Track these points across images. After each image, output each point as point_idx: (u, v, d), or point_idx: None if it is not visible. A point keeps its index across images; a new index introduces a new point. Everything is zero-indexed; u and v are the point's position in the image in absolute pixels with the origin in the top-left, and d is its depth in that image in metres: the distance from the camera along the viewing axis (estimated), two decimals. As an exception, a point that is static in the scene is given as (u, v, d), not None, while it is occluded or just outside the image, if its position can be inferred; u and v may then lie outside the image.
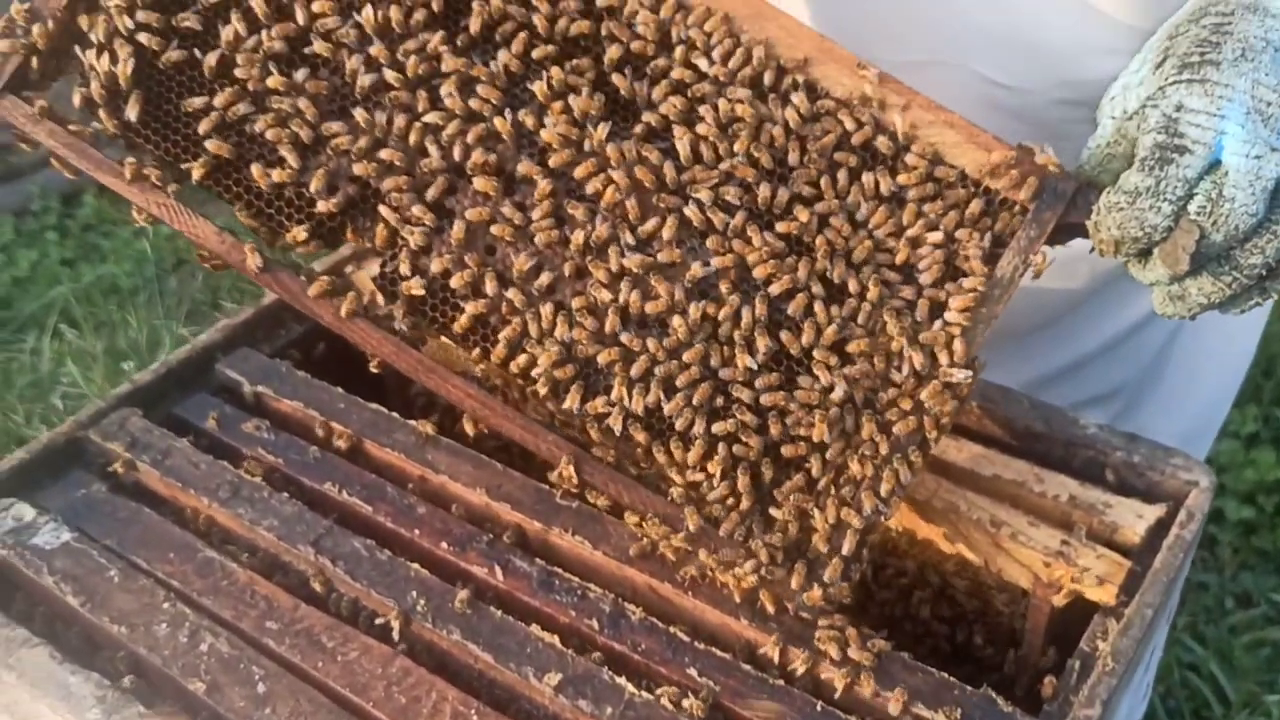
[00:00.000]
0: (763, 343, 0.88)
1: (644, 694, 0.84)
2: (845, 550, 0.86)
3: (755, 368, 0.88)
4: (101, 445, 1.05)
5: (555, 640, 0.88)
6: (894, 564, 1.03)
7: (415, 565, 0.94)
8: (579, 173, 0.88)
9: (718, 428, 0.88)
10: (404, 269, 0.88)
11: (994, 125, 0.92)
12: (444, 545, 0.96)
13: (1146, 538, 0.95)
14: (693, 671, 0.86)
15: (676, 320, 0.88)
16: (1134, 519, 0.96)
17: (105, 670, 0.88)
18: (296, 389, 1.11)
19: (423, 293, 0.87)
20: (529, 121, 0.90)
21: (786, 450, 0.88)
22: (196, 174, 0.88)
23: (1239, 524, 2.23)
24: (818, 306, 0.89)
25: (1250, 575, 2.18)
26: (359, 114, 0.88)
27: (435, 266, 0.88)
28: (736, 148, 0.89)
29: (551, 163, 0.89)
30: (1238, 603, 2.12)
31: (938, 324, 0.89)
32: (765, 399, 0.87)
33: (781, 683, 0.85)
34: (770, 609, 0.89)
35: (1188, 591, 2.18)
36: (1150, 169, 0.79)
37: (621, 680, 0.85)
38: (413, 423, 1.06)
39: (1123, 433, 1.03)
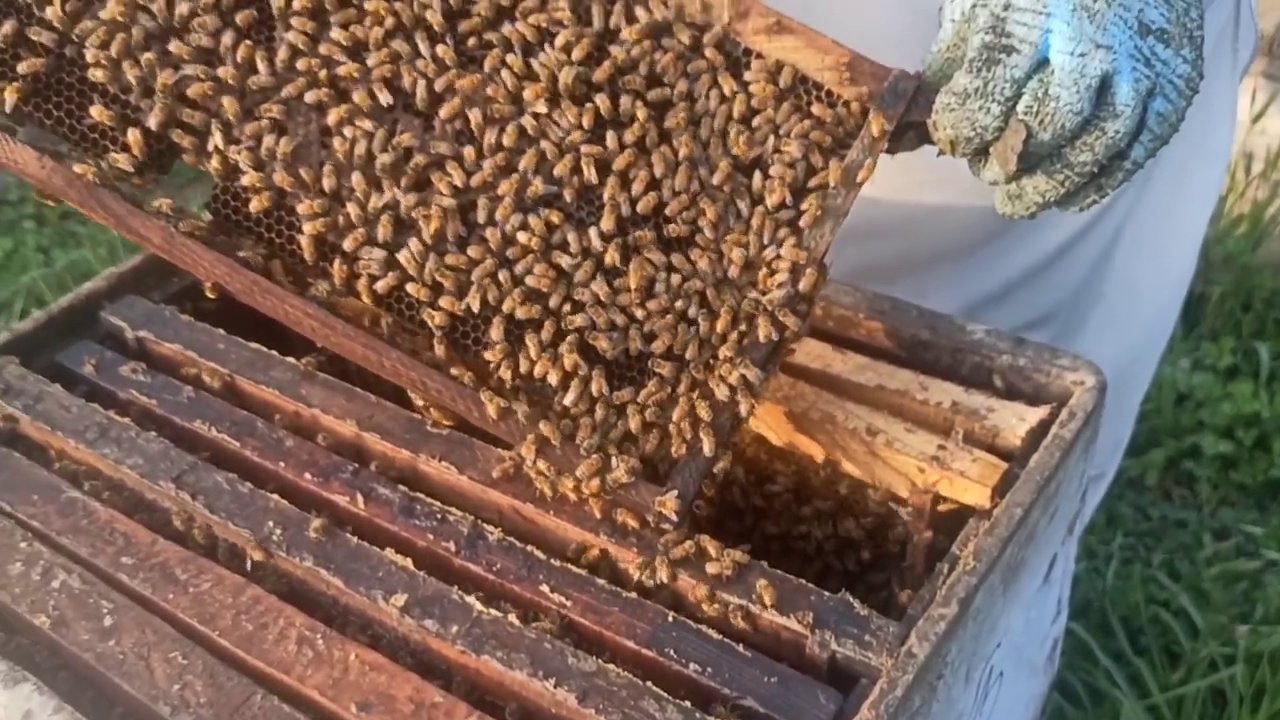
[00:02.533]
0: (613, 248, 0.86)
1: (492, 611, 0.82)
2: (706, 451, 0.84)
3: (607, 269, 0.86)
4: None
5: (409, 563, 0.86)
6: (779, 481, 1.00)
7: (275, 496, 0.92)
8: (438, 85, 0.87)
9: (570, 336, 0.85)
10: (245, 182, 0.86)
11: (911, 25, 0.89)
12: (308, 476, 0.94)
13: (1027, 440, 0.92)
14: (545, 588, 0.84)
15: (522, 234, 0.86)
16: (1016, 422, 0.93)
17: (-43, 611, 0.86)
18: (179, 332, 1.09)
19: (263, 208, 0.86)
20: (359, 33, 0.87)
21: (638, 351, 0.85)
22: (9, 98, 0.86)
23: (1217, 459, 2.18)
24: (673, 206, 0.86)
25: (1230, 511, 2.13)
26: (176, 44, 0.87)
27: (277, 179, 0.86)
28: (576, 56, 0.87)
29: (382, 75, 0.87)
30: (1216, 538, 2.07)
31: (784, 228, 0.86)
32: (621, 299, 0.85)
33: (635, 595, 0.83)
34: (632, 524, 0.86)
35: (1165, 529, 2.14)
36: (978, 70, 0.77)
37: (471, 599, 0.83)
38: (290, 360, 1.04)
39: (1011, 336, 0.99)
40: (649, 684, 0.76)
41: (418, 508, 0.91)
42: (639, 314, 0.86)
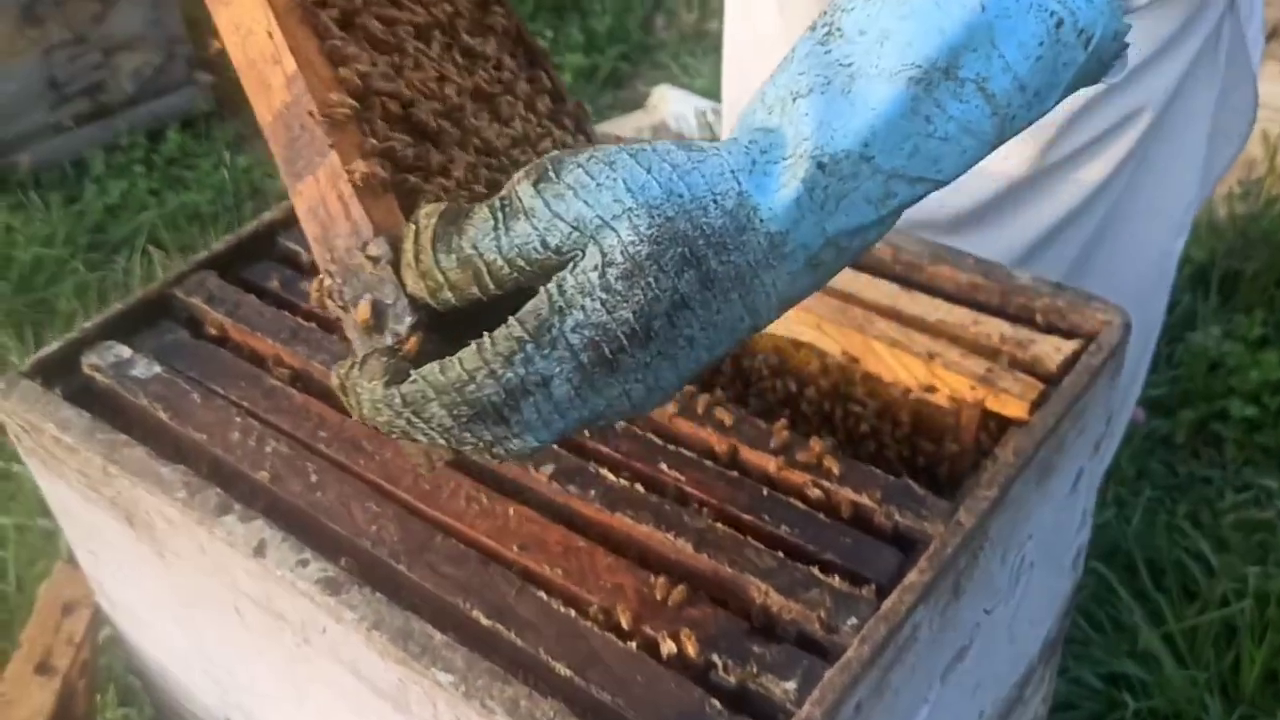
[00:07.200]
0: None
1: (622, 482, 1.02)
2: None
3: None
4: (184, 300, 1.26)
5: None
6: (854, 399, 1.19)
7: (440, 389, 1.13)
8: None
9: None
10: None
11: None
12: (465, 374, 1.15)
13: (1062, 366, 1.10)
14: (663, 466, 1.04)
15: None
16: (1053, 352, 1.12)
17: (189, 466, 1.08)
18: (346, 257, 1.30)
19: None
20: None
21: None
22: None
23: (1243, 421, 2.34)
24: None
25: (1252, 470, 2.30)
26: None
27: None
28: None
29: None
30: (1237, 494, 2.24)
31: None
32: None
33: (736, 474, 1.03)
34: (728, 421, 1.07)
35: (1191, 485, 2.31)
36: None
37: (604, 471, 1.03)
38: (443, 282, 1.25)
39: (1052, 282, 1.18)
40: (748, 539, 0.97)
41: (556, 402, 1.11)
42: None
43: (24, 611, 2.00)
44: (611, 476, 1.03)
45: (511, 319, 0.61)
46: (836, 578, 0.93)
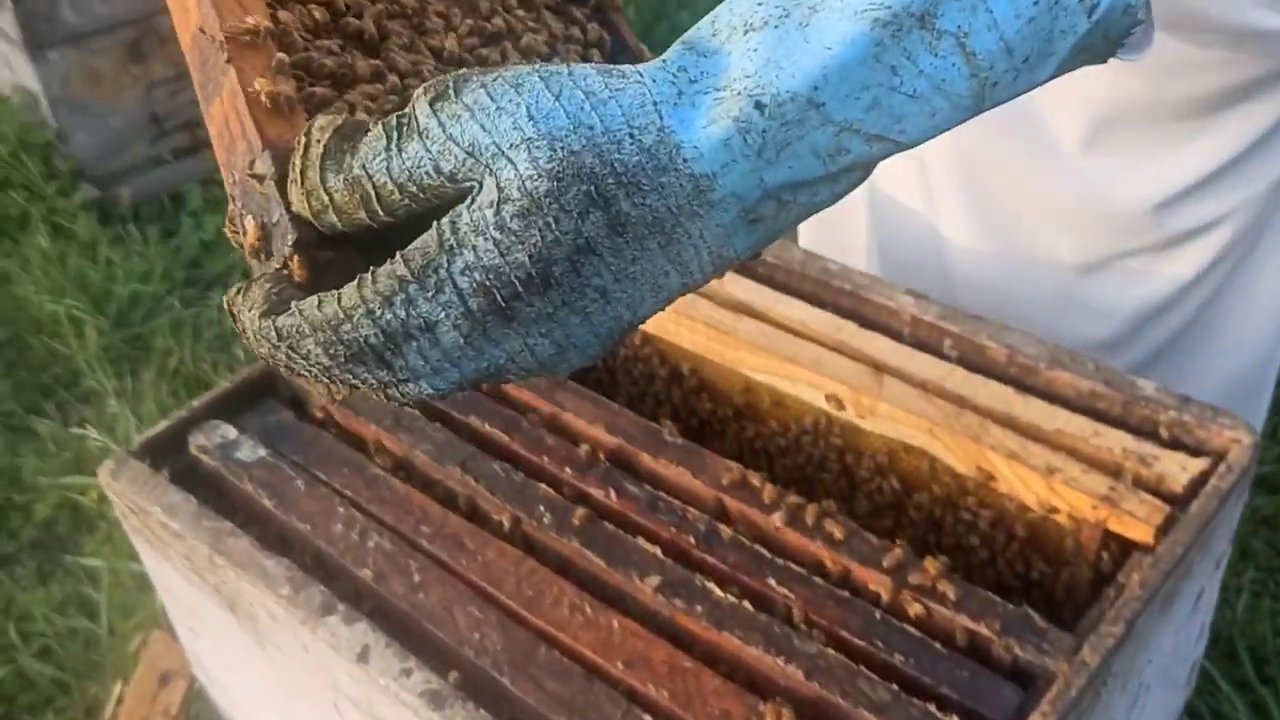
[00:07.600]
0: None
1: (729, 597, 1.00)
2: None
3: None
4: (289, 379, 1.26)
5: (657, 551, 1.05)
6: (966, 508, 1.16)
7: (543, 485, 1.12)
8: None
9: None
10: None
11: None
12: (567, 470, 1.13)
13: (1189, 487, 1.06)
14: (772, 582, 1.01)
15: None
16: (1179, 470, 1.07)
17: (293, 559, 1.08)
18: (449, 338, 1.30)
19: None
20: None
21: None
22: None
23: (1355, 504, 2.25)
24: None
25: (1364, 554, 2.20)
26: None
27: None
28: None
29: None
30: (1348, 580, 2.15)
31: None
32: None
33: (847, 594, 1.00)
34: (838, 535, 1.04)
35: (1296, 568, 2.22)
36: None
37: (711, 585, 1.01)
38: (545, 369, 1.24)
39: (1176, 394, 1.13)
40: (861, 667, 0.94)
41: (660, 504, 1.09)
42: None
43: (114, 654, 2.03)
44: (718, 591, 1.01)
45: (397, 255, 0.56)
46: (955, 717, 0.90)
